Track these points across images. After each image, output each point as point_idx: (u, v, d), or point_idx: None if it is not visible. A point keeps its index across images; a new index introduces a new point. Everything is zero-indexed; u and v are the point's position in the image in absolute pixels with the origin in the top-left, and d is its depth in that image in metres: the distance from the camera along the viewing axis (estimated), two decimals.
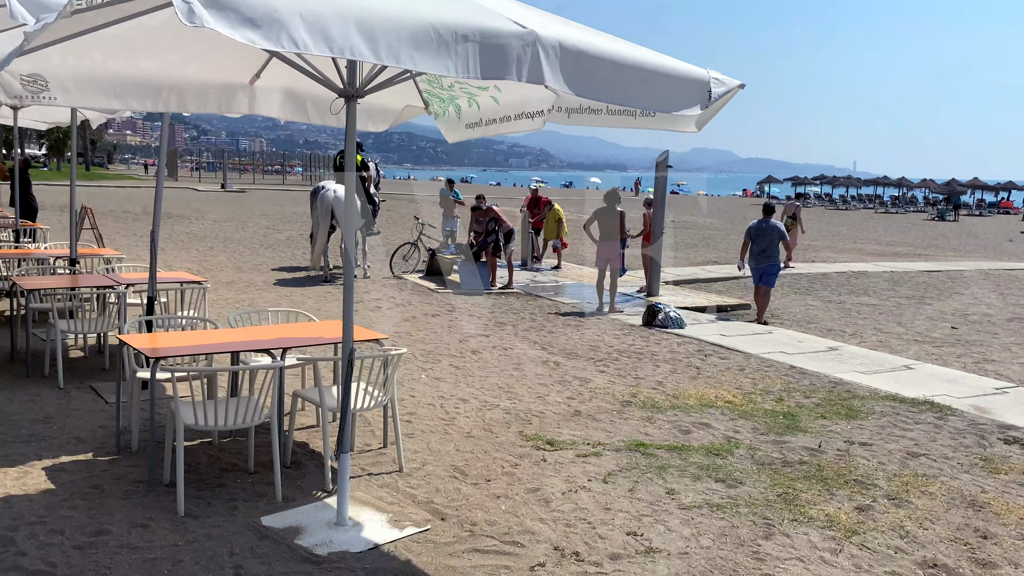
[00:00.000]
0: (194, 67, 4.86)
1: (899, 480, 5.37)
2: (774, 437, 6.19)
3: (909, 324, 11.83)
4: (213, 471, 5.04)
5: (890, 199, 63.73)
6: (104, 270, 8.64)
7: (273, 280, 13.25)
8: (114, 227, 20.68)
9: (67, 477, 4.82)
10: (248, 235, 20.54)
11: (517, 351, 8.84)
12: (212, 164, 73.06)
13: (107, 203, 29.07)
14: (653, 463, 5.50)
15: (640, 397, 7.18)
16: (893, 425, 6.61)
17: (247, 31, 2.45)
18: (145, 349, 4.79)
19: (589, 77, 3.22)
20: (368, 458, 5.41)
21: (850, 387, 7.82)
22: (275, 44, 2.48)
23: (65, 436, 5.51)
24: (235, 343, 5.12)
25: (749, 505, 4.86)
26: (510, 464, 5.39)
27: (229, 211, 28.57)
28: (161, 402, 6.06)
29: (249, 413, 4.70)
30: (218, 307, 10.43)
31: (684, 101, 3.50)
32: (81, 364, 7.43)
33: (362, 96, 4.04)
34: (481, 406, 6.71)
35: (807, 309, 12.87)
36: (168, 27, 4.09)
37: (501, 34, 2.99)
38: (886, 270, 18.76)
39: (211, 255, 16.15)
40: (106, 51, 4.37)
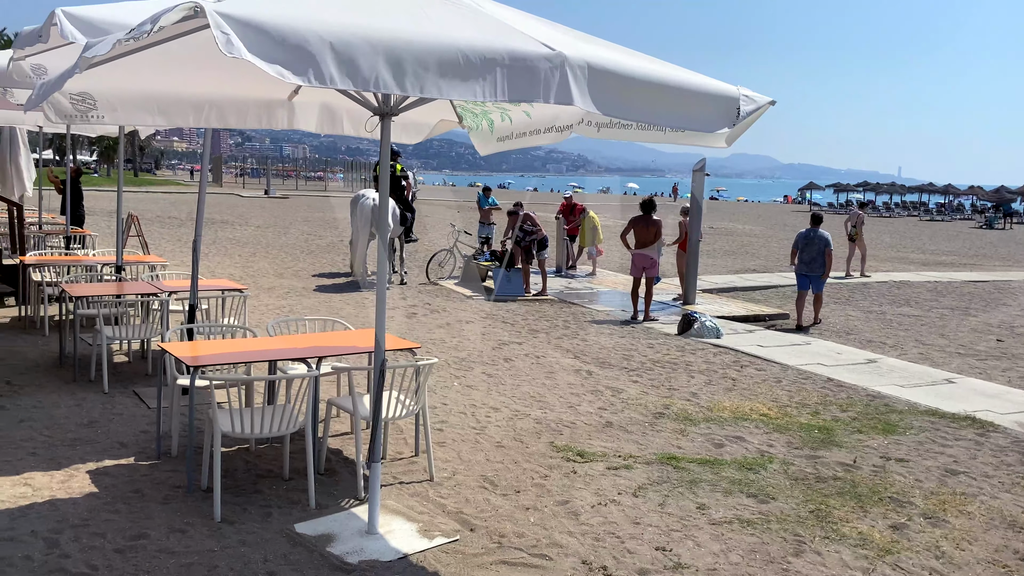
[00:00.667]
0: (234, 84, 4.99)
1: (936, 498, 5.29)
2: (809, 451, 6.13)
3: (952, 336, 11.60)
4: (249, 477, 5.16)
5: (936, 206, 62.44)
6: (149, 277, 8.87)
7: (313, 286, 13.45)
8: (160, 233, 21.16)
9: (110, 481, 4.97)
10: (289, 241, 20.87)
11: (550, 359, 8.87)
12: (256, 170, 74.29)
13: (153, 208, 29.75)
14: (684, 477, 5.49)
15: (673, 409, 7.16)
16: (932, 441, 6.50)
17: (279, 66, 2.54)
18: (185, 357, 4.92)
19: (617, 97, 3.25)
20: (400, 466, 5.48)
21: (888, 401, 7.71)
22: (303, 79, 2.58)
23: (109, 440, 5.68)
24: (272, 352, 5.23)
25: (780, 521, 4.83)
26: (540, 475, 5.43)
27: (271, 217, 29.04)
28: (200, 408, 6.21)
29: (285, 421, 4.80)
30: (259, 313, 10.63)
31: (713, 120, 3.51)
32: (125, 369, 7.64)
33: (396, 114, 4.12)
34: (512, 415, 6.75)
35: (847, 319, 12.69)
36: (209, 46, 4.21)
37: (529, 57, 3.03)
38: (930, 280, 18.40)
39: (253, 261, 16.45)
40: (150, 70, 4.51)
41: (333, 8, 3.00)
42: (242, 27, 2.64)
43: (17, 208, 11.47)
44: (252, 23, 2.66)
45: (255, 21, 2.67)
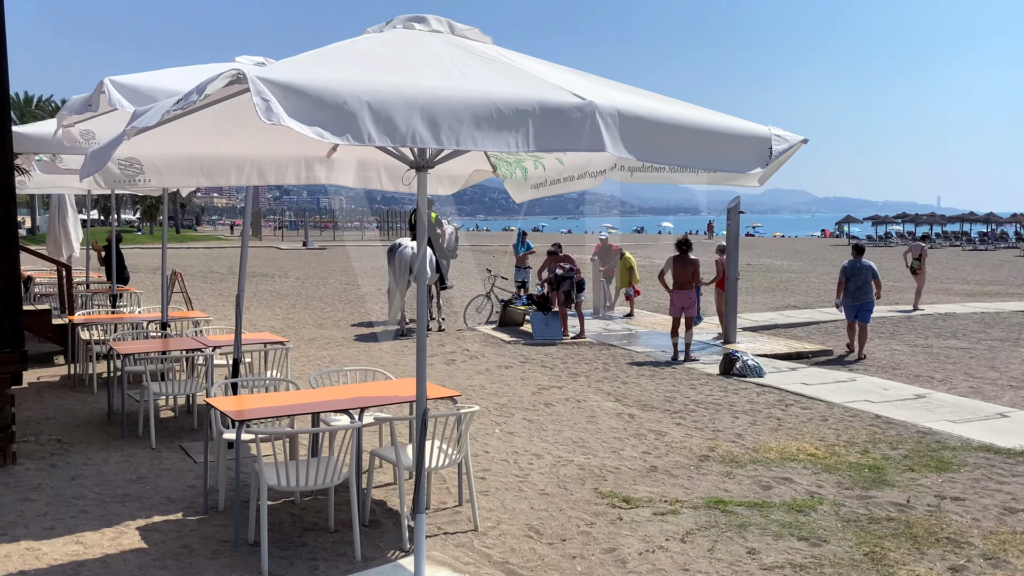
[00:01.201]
0: (274, 143, 5.14)
1: (996, 538, 5.11)
2: (859, 492, 5.98)
3: (1003, 368, 11.29)
4: (295, 530, 5.18)
5: (978, 235, 61.29)
6: (193, 332, 9.04)
7: (352, 336, 13.58)
8: (202, 288, 21.60)
9: (159, 537, 5.03)
10: (328, 292, 21.15)
11: (591, 403, 8.81)
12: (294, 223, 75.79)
13: (195, 264, 30.42)
14: (733, 521, 5.38)
15: (718, 451, 7.05)
16: (988, 478, 6.30)
17: (318, 128, 2.63)
18: (230, 411, 4.99)
19: (649, 142, 3.29)
20: (444, 516, 5.46)
21: (940, 437, 7.51)
22: (342, 139, 2.66)
23: (157, 496, 5.75)
24: (315, 404, 5.28)
25: (834, 565, 4.70)
26: (585, 523, 5.36)
27: (310, 268, 29.50)
28: (246, 462, 6.26)
29: (329, 473, 4.83)
30: (300, 364, 10.75)
31: (745, 160, 3.53)
32: (172, 424, 7.75)
33: (432, 167, 4.20)
34: (555, 461, 6.70)
35: (892, 354, 12.43)
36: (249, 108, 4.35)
37: (561, 107, 3.09)
38: (976, 311, 17.98)
39: (293, 312, 16.68)
40: (194, 133, 4.67)
41: (370, 68, 3.10)
42: (282, 91, 2.74)
43: (66, 269, 11.82)
44: (292, 86, 2.76)
45: (295, 84, 2.77)
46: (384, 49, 3.46)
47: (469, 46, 3.69)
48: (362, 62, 3.22)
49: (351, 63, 3.19)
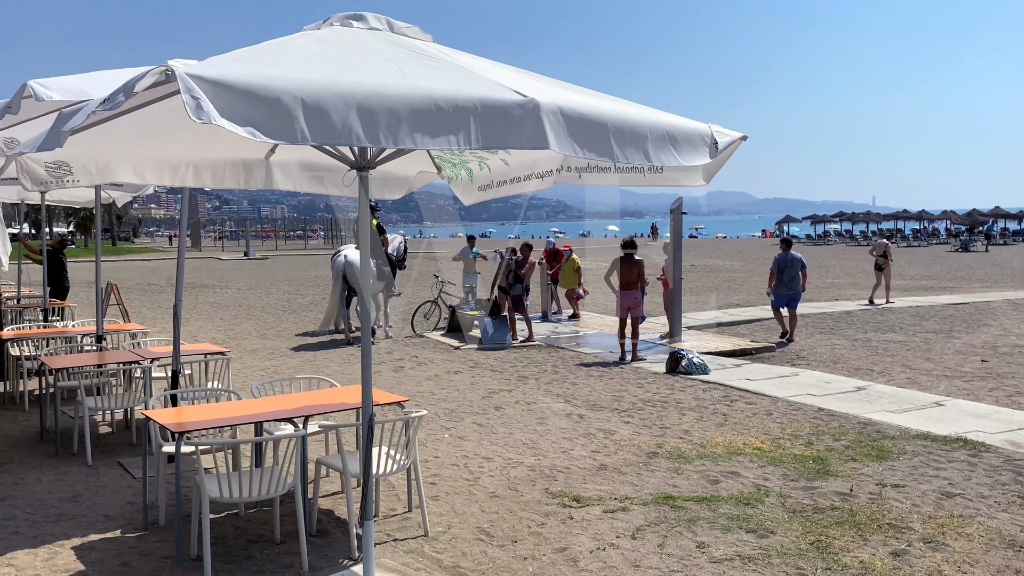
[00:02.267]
0: (210, 144, 5.01)
1: (935, 522, 5.25)
2: (805, 483, 6.09)
3: (938, 359, 11.66)
4: (240, 543, 5.04)
5: (912, 232, 63.31)
6: (130, 345, 8.77)
7: (297, 345, 13.36)
8: (140, 300, 21.02)
9: (96, 556, 4.84)
10: (271, 302, 20.78)
11: (540, 405, 8.81)
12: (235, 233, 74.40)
13: (133, 276, 29.61)
14: (682, 516, 5.42)
15: (667, 447, 7.11)
16: (926, 465, 6.48)
17: (251, 127, 2.56)
18: (170, 424, 4.84)
19: (592, 139, 3.29)
20: (393, 523, 5.38)
21: (880, 427, 7.70)
22: (277, 138, 2.59)
23: (94, 514, 5.55)
24: (258, 414, 5.16)
25: (781, 555, 4.77)
26: (536, 523, 5.34)
27: (252, 279, 28.97)
28: (187, 475, 6.09)
29: (273, 483, 4.72)
30: (243, 375, 10.52)
31: (687, 156, 3.56)
32: (109, 440, 7.50)
33: (373, 167, 4.14)
34: (505, 464, 6.67)
35: (833, 349, 12.73)
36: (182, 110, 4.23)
37: (503, 104, 3.07)
38: (912, 305, 18.56)
39: (235, 323, 16.34)
40: (125, 134, 4.52)
41: (306, 66, 3.03)
42: (212, 88, 2.65)
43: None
44: (223, 83, 2.68)
45: (226, 81, 2.69)
46: (321, 47, 3.39)
47: (409, 44, 3.64)
48: (297, 59, 3.15)
49: (286, 60, 3.11)
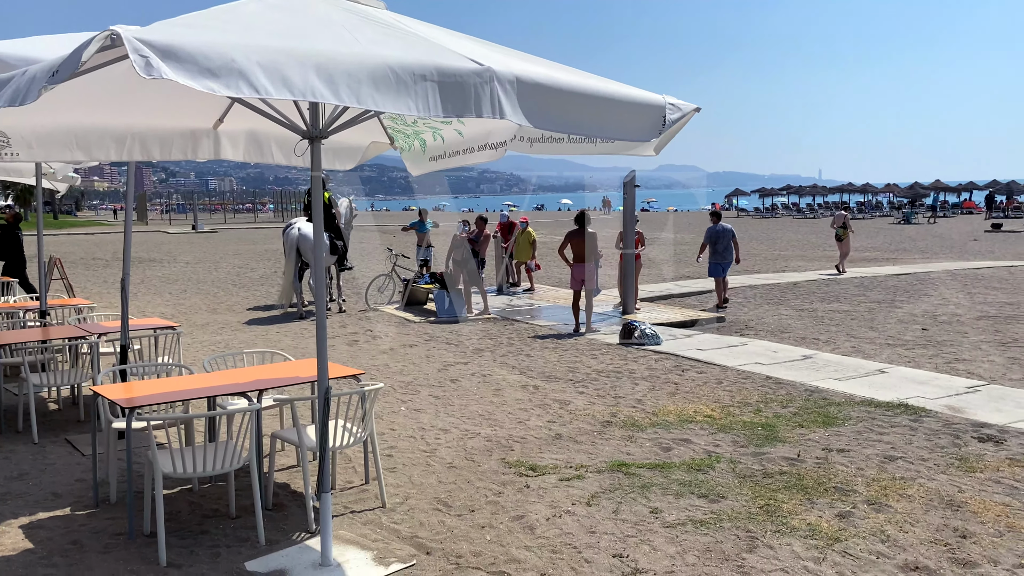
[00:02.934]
0: (156, 115, 4.88)
1: (878, 485, 5.45)
2: (754, 449, 6.25)
3: (881, 328, 12.01)
4: (194, 518, 5.00)
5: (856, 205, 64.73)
6: (76, 320, 8.56)
7: (248, 320, 13.17)
8: (85, 275, 20.47)
9: (45, 534, 4.75)
10: (221, 276, 20.42)
11: (496, 377, 8.86)
12: (182, 206, 72.77)
13: (76, 251, 28.79)
14: (636, 483, 5.53)
15: (620, 416, 7.22)
16: (869, 430, 6.70)
17: (207, 80, 2.49)
18: (119, 399, 4.75)
19: (547, 110, 3.29)
20: (350, 495, 5.38)
21: (826, 394, 7.92)
22: (235, 91, 2.53)
23: (41, 492, 5.44)
24: (210, 388, 5.09)
25: (732, 519, 4.90)
26: (493, 493, 5.40)
27: (201, 252, 28.40)
28: (138, 451, 6.00)
29: (228, 458, 4.67)
30: (193, 351, 10.35)
31: (641, 128, 3.58)
32: (56, 417, 7.33)
33: (326, 136, 4.08)
34: (462, 435, 6.71)
35: (780, 319, 13.02)
36: (127, 77, 4.11)
37: (458, 72, 3.05)
38: (856, 275, 19.04)
39: (184, 298, 16.03)
40: (67, 104, 4.38)
41: (259, 32, 2.97)
42: (162, 52, 2.58)
43: None
44: (173, 48, 2.61)
45: (176, 46, 2.62)
46: (273, 13, 3.32)
47: (362, 11, 3.58)
48: (249, 25, 3.07)
49: (237, 26, 3.03)
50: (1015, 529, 4.71)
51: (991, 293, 15.73)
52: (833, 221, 20.53)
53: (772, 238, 34.81)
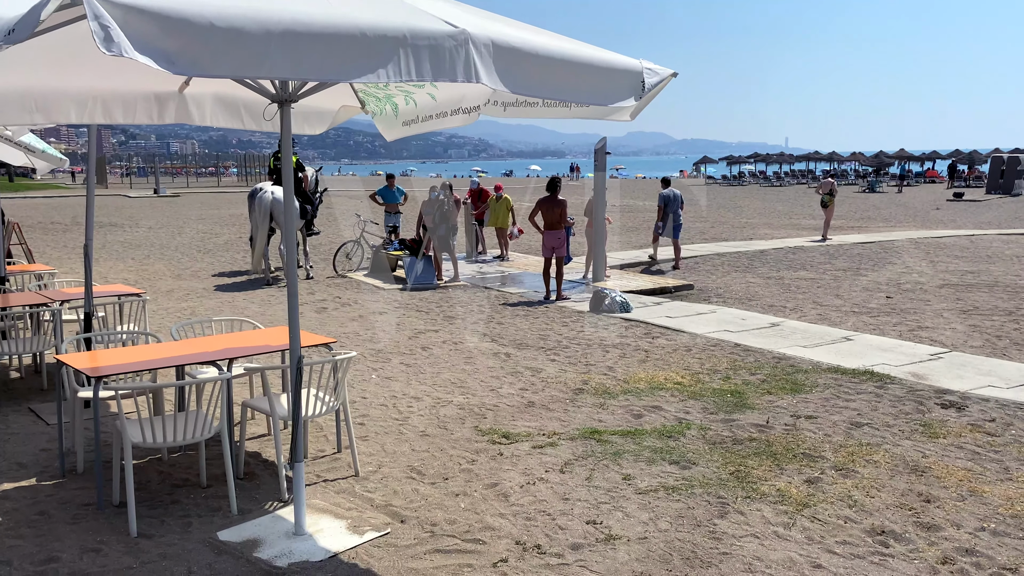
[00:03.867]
0: (119, 76, 4.71)
1: (845, 451, 5.55)
2: (724, 416, 6.32)
3: (846, 296, 12.19)
4: (164, 488, 4.94)
5: (822, 173, 65.29)
6: (36, 287, 8.35)
7: (214, 286, 12.98)
8: (44, 240, 19.99)
9: (10, 505, 4.67)
10: (185, 241, 20.07)
11: (468, 345, 8.84)
12: (143, 169, 71.18)
13: (34, 215, 28.08)
14: (608, 450, 5.57)
15: (592, 384, 7.26)
16: (836, 397, 6.81)
17: (165, 59, 2.39)
18: (85, 368, 4.65)
19: (523, 73, 3.23)
20: (323, 464, 5.36)
21: (793, 361, 8.03)
22: (193, 72, 2.43)
23: (5, 462, 5.33)
24: (179, 357, 5.01)
25: (703, 485, 4.96)
26: (467, 460, 5.41)
27: (164, 217, 27.86)
28: (105, 420, 5.90)
29: (198, 427, 4.61)
30: (159, 318, 10.19)
31: (618, 93, 3.54)
32: (18, 385, 7.18)
33: (296, 100, 3.98)
34: (434, 403, 6.70)
35: (748, 287, 13.15)
36: (89, 37, 3.96)
37: (432, 35, 2.97)
38: (823, 245, 19.26)
39: (148, 264, 15.74)
40: (25, 65, 4.21)
41: None
42: (123, 13, 2.46)
43: None
44: (134, 7, 2.49)
45: (138, 5, 2.51)
46: None
47: None
48: None
49: None
50: (977, 493, 4.83)
51: (953, 262, 16.03)
52: (819, 188, 20.91)
53: (739, 206, 35.06)
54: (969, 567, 3.96)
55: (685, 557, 4.07)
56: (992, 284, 13.18)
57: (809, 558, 4.05)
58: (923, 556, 4.08)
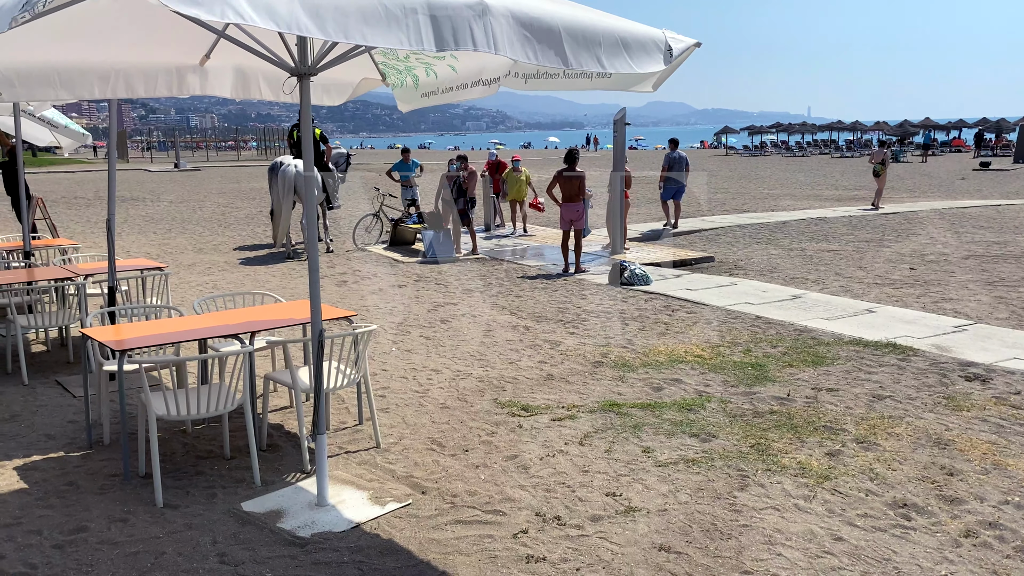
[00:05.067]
0: (140, 50, 4.71)
1: (866, 423, 5.52)
2: (744, 388, 6.30)
3: (869, 267, 12.06)
4: (189, 460, 5.01)
5: (845, 143, 64.37)
6: (61, 261, 8.45)
7: (236, 260, 13.07)
8: (67, 214, 20.18)
9: (40, 475, 4.76)
10: (206, 215, 20.19)
11: (486, 317, 8.86)
12: (163, 143, 71.54)
13: (58, 189, 28.33)
14: (628, 422, 5.58)
15: (611, 357, 7.25)
16: (858, 369, 6.77)
17: (191, 7, 2.38)
18: (110, 342, 4.71)
19: (543, 44, 3.19)
20: (344, 436, 5.41)
21: (815, 334, 7.98)
22: (219, 16, 2.42)
23: (34, 434, 5.43)
24: (202, 330, 5.05)
25: (723, 458, 4.96)
26: (487, 432, 5.44)
27: (185, 191, 28.02)
28: (130, 393, 5.99)
29: (221, 400, 4.66)
30: (181, 291, 10.28)
31: (642, 62, 3.49)
32: (45, 359, 7.29)
33: (315, 73, 3.96)
34: (454, 375, 6.73)
35: (769, 258, 13.04)
36: (111, 11, 3.96)
37: (450, 5, 2.94)
38: (844, 215, 19.04)
39: (169, 238, 15.87)
40: (48, 41, 4.22)
41: None
42: None
43: None
44: None
45: None
46: None
47: None
48: None
49: None
50: (1000, 466, 4.80)
51: (978, 232, 15.80)
52: (872, 157, 21.14)
53: (761, 176, 34.67)
54: (992, 540, 3.94)
55: (705, 529, 4.08)
56: (1019, 255, 12.98)
57: (830, 531, 4.05)
58: (945, 529, 4.06)
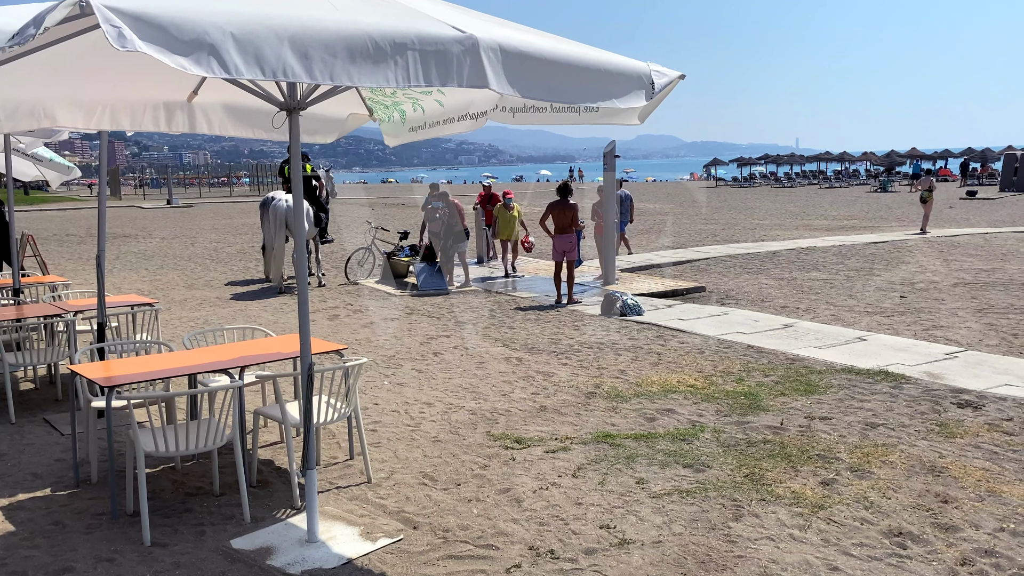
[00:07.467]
0: (127, 85, 4.74)
1: (860, 452, 5.50)
2: (737, 418, 6.28)
3: (860, 296, 12.10)
4: (178, 496, 4.95)
5: (833, 174, 64.95)
6: (50, 298, 8.41)
7: (227, 295, 13.04)
8: (58, 252, 20.14)
9: (25, 515, 4.69)
10: (198, 251, 20.18)
11: (479, 350, 8.83)
12: (156, 180, 71.76)
13: (49, 227, 28.30)
14: (621, 453, 5.54)
15: (604, 387, 7.23)
16: (851, 397, 6.76)
17: (178, 57, 2.40)
18: (98, 378, 4.67)
19: (531, 78, 3.22)
20: (335, 471, 5.36)
21: (807, 363, 7.98)
22: (206, 70, 2.44)
23: (20, 472, 5.36)
24: (191, 365, 5.02)
25: (717, 488, 4.93)
26: (479, 466, 5.39)
27: (177, 227, 28.02)
28: (119, 430, 5.93)
29: (211, 435, 4.62)
30: (172, 327, 10.23)
31: (627, 95, 3.52)
32: (33, 396, 7.23)
33: (304, 108, 3.99)
34: (446, 408, 6.69)
35: (760, 288, 13.08)
36: (98, 47, 3.99)
37: (440, 40, 2.97)
38: (834, 244, 19.16)
39: (161, 274, 15.84)
40: (35, 74, 4.24)
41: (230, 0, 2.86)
42: (134, 21, 2.48)
43: None
44: (145, 17, 2.51)
45: (148, 15, 2.52)
46: None
47: None
48: None
49: None
50: (995, 493, 4.78)
51: (967, 260, 15.90)
52: (918, 184, 22.63)
53: (750, 207, 34.90)
54: (988, 568, 3.91)
55: (700, 561, 4.04)
56: (1008, 282, 13.06)
57: (825, 560, 4.01)
58: (941, 557, 4.03)
